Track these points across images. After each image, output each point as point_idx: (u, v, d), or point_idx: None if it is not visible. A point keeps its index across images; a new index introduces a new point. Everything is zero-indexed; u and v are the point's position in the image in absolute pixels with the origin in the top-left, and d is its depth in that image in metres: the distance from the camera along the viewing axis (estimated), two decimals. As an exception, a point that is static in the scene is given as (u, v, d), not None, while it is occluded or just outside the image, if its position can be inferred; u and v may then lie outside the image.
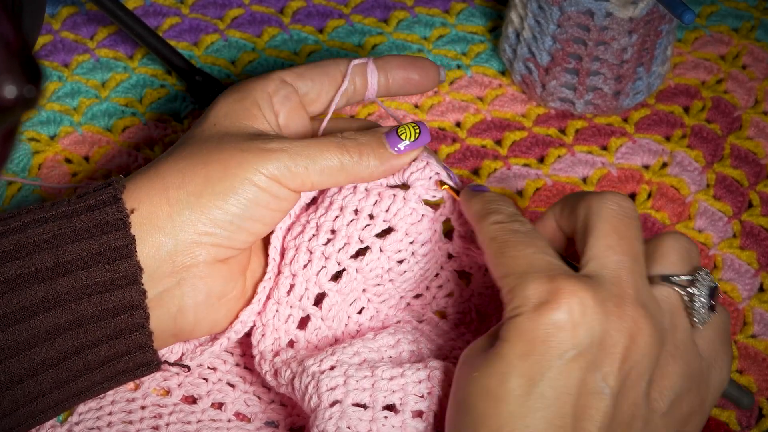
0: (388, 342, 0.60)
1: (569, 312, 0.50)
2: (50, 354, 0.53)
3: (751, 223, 0.73)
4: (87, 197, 0.55)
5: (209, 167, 0.56)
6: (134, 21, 0.76)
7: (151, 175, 0.57)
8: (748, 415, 0.65)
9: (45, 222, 0.54)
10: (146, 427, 0.60)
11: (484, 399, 0.50)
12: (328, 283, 0.59)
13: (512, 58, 0.78)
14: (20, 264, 0.53)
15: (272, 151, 0.56)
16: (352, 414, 0.55)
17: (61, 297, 0.53)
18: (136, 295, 0.55)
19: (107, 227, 0.54)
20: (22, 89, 0.33)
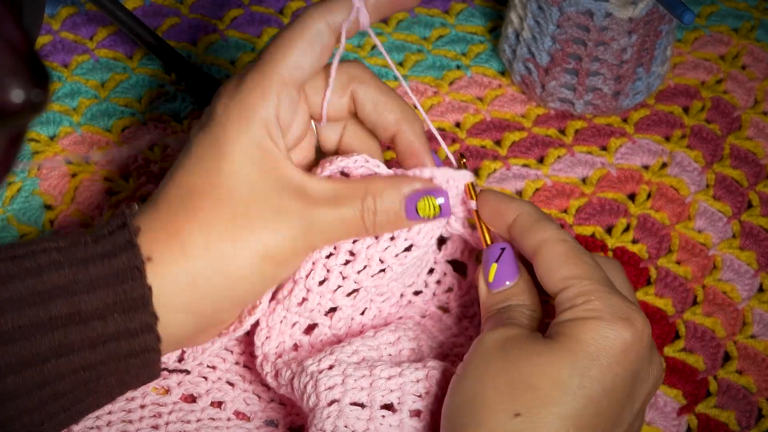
0: (388, 339, 0.60)
1: (640, 338, 0.53)
2: (59, 389, 0.53)
3: (750, 223, 0.73)
4: (103, 242, 0.54)
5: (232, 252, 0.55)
6: (134, 21, 0.76)
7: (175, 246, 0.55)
8: (748, 416, 0.65)
9: (61, 267, 0.53)
10: (146, 426, 0.60)
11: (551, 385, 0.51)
12: (344, 299, 0.59)
13: (512, 58, 0.78)
14: (35, 311, 0.52)
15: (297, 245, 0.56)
16: (349, 413, 0.55)
17: (74, 345, 0.53)
18: (151, 342, 0.54)
19: (123, 276, 0.53)
20: (30, 93, 0.33)
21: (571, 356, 0.51)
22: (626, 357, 0.52)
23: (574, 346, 0.52)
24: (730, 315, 0.69)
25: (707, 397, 0.66)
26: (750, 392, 0.66)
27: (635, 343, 0.52)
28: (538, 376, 0.51)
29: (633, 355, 0.52)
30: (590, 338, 0.52)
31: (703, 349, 0.68)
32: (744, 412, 0.65)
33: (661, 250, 0.72)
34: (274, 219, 0.55)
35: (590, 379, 0.51)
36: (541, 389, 0.51)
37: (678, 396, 0.66)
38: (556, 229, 0.56)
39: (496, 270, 0.57)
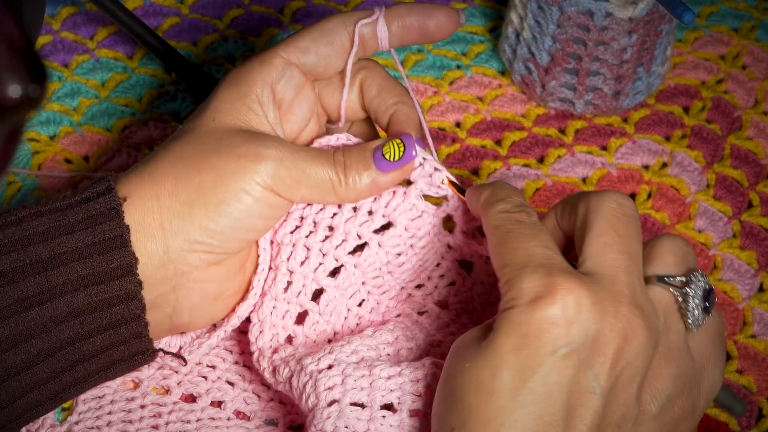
0: (386, 339, 0.60)
1: (564, 308, 0.50)
2: (46, 345, 0.54)
3: (750, 223, 0.73)
4: (81, 191, 0.55)
5: (203, 175, 0.55)
6: (134, 21, 0.76)
7: (144, 176, 0.56)
8: (748, 416, 0.65)
9: (40, 215, 0.54)
10: (146, 426, 0.60)
11: (475, 391, 0.50)
12: (326, 279, 0.59)
13: (512, 58, 0.78)
14: (15, 257, 0.53)
15: (268, 158, 0.56)
16: (350, 413, 0.55)
17: (56, 289, 0.53)
18: (131, 285, 0.55)
19: (101, 218, 0.54)
20: (27, 88, 0.33)
21: (488, 354, 0.50)
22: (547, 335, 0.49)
23: (491, 343, 0.50)
24: (731, 315, 0.69)
25: (707, 397, 0.66)
26: (750, 392, 0.66)
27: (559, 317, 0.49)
28: (465, 384, 0.50)
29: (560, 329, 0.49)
30: (504, 330, 0.50)
31: (703, 349, 0.68)
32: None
33: (662, 250, 0.72)
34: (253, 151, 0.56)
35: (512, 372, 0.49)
36: (467, 397, 0.50)
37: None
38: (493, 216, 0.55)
39: None
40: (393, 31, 0.61)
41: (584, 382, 0.50)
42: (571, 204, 0.56)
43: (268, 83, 0.59)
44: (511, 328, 0.50)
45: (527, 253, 0.52)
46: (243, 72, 0.59)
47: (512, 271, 0.52)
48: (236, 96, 0.58)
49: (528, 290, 0.50)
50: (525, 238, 0.53)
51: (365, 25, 0.60)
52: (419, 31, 0.61)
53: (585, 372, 0.50)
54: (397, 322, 0.62)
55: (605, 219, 0.53)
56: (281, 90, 0.59)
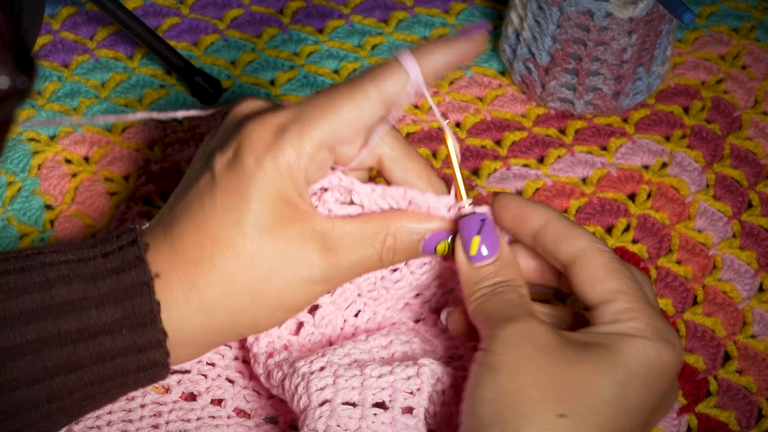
0: (380, 343, 0.60)
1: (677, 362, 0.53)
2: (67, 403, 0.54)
3: (750, 223, 0.73)
4: (111, 258, 0.54)
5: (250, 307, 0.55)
6: (134, 21, 0.76)
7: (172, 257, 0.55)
8: (748, 416, 0.65)
9: (70, 282, 0.53)
10: (146, 426, 0.60)
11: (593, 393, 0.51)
12: (323, 296, 0.59)
13: (512, 58, 0.78)
14: (44, 326, 0.52)
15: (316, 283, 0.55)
16: (341, 412, 0.55)
17: (83, 360, 0.53)
18: (160, 357, 0.54)
19: (131, 292, 0.53)
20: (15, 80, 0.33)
21: (613, 369, 0.51)
22: (664, 377, 0.52)
23: (617, 359, 0.52)
24: (730, 315, 0.69)
25: (707, 397, 0.66)
26: (750, 392, 0.66)
27: (674, 366, 0.53)
28: (582, 382, 0.51)
29: (669, 377, 0.53)
30: (633, 354, 0.52)
31: (703, 349, 0.68)
32: (744, 412, 0.65)
33: (662, 250, 0.72)
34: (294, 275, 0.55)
35: (629, 393, 0.51)
36: (585, 395, 0.51)
37: (678, 396, 0.66)
38: (591, 238, 0.55)
39: (478, 243, 0.56)
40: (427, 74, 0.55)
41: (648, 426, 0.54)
42: None
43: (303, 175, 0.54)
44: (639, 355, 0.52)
45: (643, 290, 0.54)
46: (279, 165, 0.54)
47: (637, 301, 0.53)
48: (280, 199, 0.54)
49: (660, 329, 0.53)
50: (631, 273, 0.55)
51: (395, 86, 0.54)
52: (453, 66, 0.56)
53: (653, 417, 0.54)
54: (392, 327, 0.62)
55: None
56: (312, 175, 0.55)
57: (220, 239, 0.54)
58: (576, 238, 0.55)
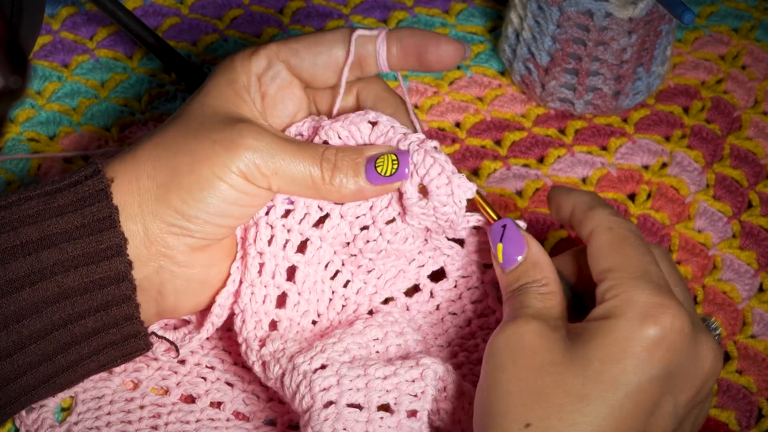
0: (375, 335, 0.60)
1: (670, 332, 0.51)
2: (37, 327, 0.54)
3: (750, 223, 0.73)
4: (70, 175, 0.56)
5: (179, 158, 0.56)
6: (134, 21, 0.76)
7: (128, 159, 0.57)
8: (748, 416, 0.65)
9: (30, 199, 0.55)
10: (145, 427, 0.60)
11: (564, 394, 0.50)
12: (295, 255, 0.59)
13: (512, 58, 0.78)
14: (6, 238, 0.53)
15: (243, 147, 0.56)
16: (347, 415, 0.55)
17: (47, 269, 0.54)
18: (121, 266, 0.55)
19: (90, 200, 0.55)
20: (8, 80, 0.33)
21: (584, 363, 0.51)
22: (651, 356, 0.51)
23: (589, 351, 0.51)
24: (730, 315, 0.69)
25: (707, 397, 0.66)
26: (750, 392, 0.66)
27: (663, 340, 0.51)
28: (550, 385, 0.51)
29: (661, 353, 0.51)
30: (607, 341, 0.51)
31: (703, 349, 0.68)
32: (744, 412, 0.65)
33: (661, 250, 0.72)
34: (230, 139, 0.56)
35: (606, 384, 0.50)
36: (552, 398, 0.50)
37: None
38: (605, 216, 0.55)
39: (502, 249, 0.56)
40: (392, 53, 0.59)
41: (666, 407, 0.52)
42: None
43: (254, 73, 0.59)
44: (613, 340, 0.51)
45: (643, 265, 0.53)
46: (232, 60, 0.60)
47: (624, 278, 0.52)
48: (225, 82, 0.59)
49: (639, 305, 0.51)
50: (640, 249, 0.54)
51: (365, 43, 0.59)
52: (417, 58, 0.59)
53: (668, 397, 0.52)
54: (386, 317, 0.61)
55: None
56: (265, 82, 0.59)
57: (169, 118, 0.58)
58: (590, 218, 0.55)
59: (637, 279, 0.52)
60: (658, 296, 0.52)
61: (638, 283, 0.52)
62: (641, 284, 0.52)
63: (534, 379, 0.51)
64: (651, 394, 0.51)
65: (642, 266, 0.53)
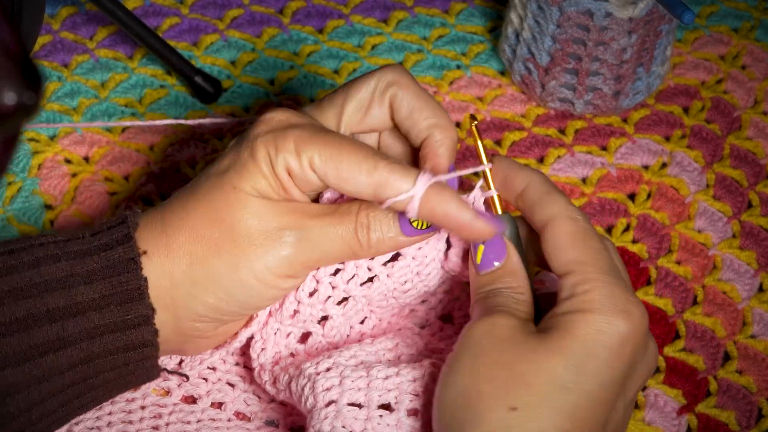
0: (386, 346, 0.60)
1: (638, 329, 0.52)
2: (58, 386, 0.54)
3: (750, 223, 0.73)
4: (100, 236, 0.55)
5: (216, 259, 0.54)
6: (134, 21, 0.76)
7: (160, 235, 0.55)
8: (748, 416, 0.65)
9: (58, 260, 0.53)
10: (146, 427, 0.60)
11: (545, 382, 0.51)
12: (334, 308, 0.59)
13: (512, 58, 0.78)
14: (32, 303, 0.52)
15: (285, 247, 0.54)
16: (347, 413, 0.55)
17: (72, 337, 0.53)
18: (148, 335, 0.55)
19: (119, 268, 0.54)
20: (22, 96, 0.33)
21: (566, 352, 0.51)
22: (623, 350, 0.52)
23: (570, 342, 0.51)
24: (730, 315, 0.69)
25: (707, 397, 0.66)
26: (750, 392, 0.66)
27: (632, 336, 0.52)
28: (533, 372, 0.51)
29: (630, 348, 0.52)
30: (585, 333, 0.51)
31: (703, 349, 0.68)
32: (744, 412, 0.65)
33: (661, 250, 0.72)
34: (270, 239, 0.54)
35: (586, 375, 0.51)
36: (536, 385, 0.51)
37: (678, 396, 0.66)
38: (565, 204, 0.55)
39: (483, 251, 0.56)
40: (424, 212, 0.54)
41: (621, 401, 0.53)
42: None
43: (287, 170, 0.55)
44: (594, 333, 0.51)
45: (610, 261, 0.54)
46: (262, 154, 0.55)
47: (595, 273, 0.53)
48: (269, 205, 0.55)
49: (615, 301, 0.52)
50: (601, 244, 0.54)
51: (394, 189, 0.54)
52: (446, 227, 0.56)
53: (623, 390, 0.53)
54: (398, 332, 0.62)
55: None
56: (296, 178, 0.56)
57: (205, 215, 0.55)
58: (548, 203, 0.55)
59: (608, 275, 0.53)
60: (629, 293, 0.53)
61: (610, 279, 0.53)
62: (613, 280, 0.53)
63: (516, 366, 0.51)
64: (616, 388, 0.52)
65: (610, 262, 0.54)
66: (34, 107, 0.33)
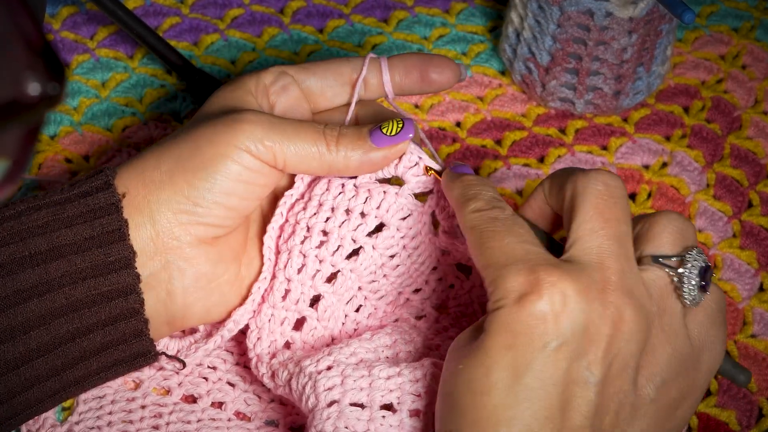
0: (384, 342, 0.60)
1: (550, 302, 0.50)
2: (45, 339, 0.54)
3: (750, 222, 0.73)
4: (80, 184, 0.56)
5: (182, 146, 0.56)
6: (134, 21, 0.76)
7: (134, 162, 0.57)
8: (748, 415, 0.65)
9: (39, 209, 0.55)
10: (146, 427, 0.60)
11: (468, 392, 0.50)
12: (324, 285, 0.59)
13: (512, 57, 0.78)
14: (14, 249, 0.53)
15: (244, 122, 0.56)
16: (350, 414, 0.55)
17: (54, 281, 0.54)
18: (129, 278, 0.55)
19: (100, 212, 0.55)
20: (46, 86, 0.33)
21: (478, 355, 0.50)
22: (538, 329, 0.49)
23: (481, 343, 0.50)
24: (731, 315, 0.69)
25: (707, 397, 0.66)
26: (750, 392, 0.66)
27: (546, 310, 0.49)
28: (458, 385, 0.50)
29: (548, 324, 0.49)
30: (494, 330, 0.50)
31: (703, 349, 0.68)
32: (744, 411, 0.65)
33: (662, 249, 0.72)
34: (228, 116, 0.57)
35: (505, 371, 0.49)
36: (461, 400, 0.50)
37: None
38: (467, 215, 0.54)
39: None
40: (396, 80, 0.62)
41: (577, 372, 0.50)
42: (558, 183, 0.55)
43: (262, 82, 0.60)
44: (501, 327, 0.50)
45: (506, 251, 0.52)
46: (239, 76, 0.61)
47: (495, 271, 0.51)
48: (229, 90, 0.60)
49: (513, 289, 0.50)
50: (502, 235, 0.53)
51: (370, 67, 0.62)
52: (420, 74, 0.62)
53: (578, 363, 0.50)
54: (395, 326, 0.62)
55: (591, 203, 0.53)
56: (274, 93, 0.60)
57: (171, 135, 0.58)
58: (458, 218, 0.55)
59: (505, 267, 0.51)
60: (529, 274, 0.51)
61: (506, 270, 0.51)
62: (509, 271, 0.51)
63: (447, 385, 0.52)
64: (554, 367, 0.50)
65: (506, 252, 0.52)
66: (58, 98, 0.33)
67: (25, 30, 0.33)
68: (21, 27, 0.33)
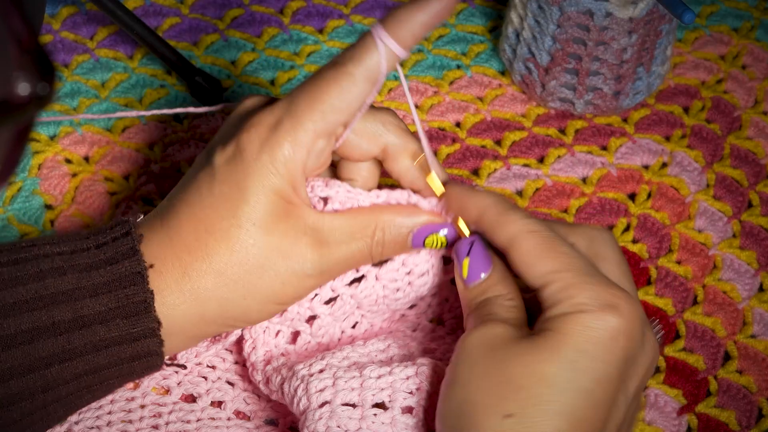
0: (378, 347, 0.60)
1: (630, 322, 0.52)
2: (62, 393, 0.54)
3: (750, 223, 0.73)
4: (105, 248, 0.55)
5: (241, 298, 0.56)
6: (134, 21, 0.76)
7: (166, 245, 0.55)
8: (748, 416, 0.65)
9: (63, 273, 0.53)
10: (146, 426, 0.60)
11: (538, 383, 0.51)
12: (321, 306, 0.59)
13: (512, 58, 0.78)
14: (38, 315, 0.52)
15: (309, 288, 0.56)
16: (341, 413, 0.55)
17: (77, 350, 0.53)
18: (154, 346, 0.55)
19: (125, 282, 0.54)
20: (36, 86, 0.33)
21: (556, 352, 0.51)
22: (615, 344, 0.51)
23: (560, 341, 0.51)
24: (731, 315, 0.69)
25: (707, 397, 0.66)
26: (750, 392, 0.66)
27: (624, 329, 0.51)
28: (526, 375, 0.51)
29: (623, 341, 0.52)
30: (576, 331, 0.51)
31: (703, 349, 0.68)
32: (744, 411, 0.65)
33: (662, 249, 0.72)
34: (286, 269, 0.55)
35: (579, 372, 0.51)
36: (529, 388, 0.51)
37: (678, 396, 0.66)
38: (522, 220, 0.55)
39: (468, 264, 0.56)
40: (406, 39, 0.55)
41: (621, 396, 0.52)
42: None
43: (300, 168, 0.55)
44: (581, 331, 0.51)
45: (581, 261, 0.54)
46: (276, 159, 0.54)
47: (573, 276, 0.52)
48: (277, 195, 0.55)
49: (600, 296, 0.52)
50: (567, 246, 0.54)
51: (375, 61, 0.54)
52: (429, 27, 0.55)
53: (624, 385, 0.52)
54: (390, 334, 0.62)
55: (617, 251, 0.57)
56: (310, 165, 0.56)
57: (215, 229, 0.55)
58: (506, 224, 0.55)
59: (587, 275, 0.53)
60: (613, 288, 0.53)
61: (589, 279, 0.53)
62: (593, 279, 0.53)
63: (508, 372, 0.51)
64: (614, 384, 0.52)
65: (584, 262, 0.54)
66: (47, 98, 0.33)
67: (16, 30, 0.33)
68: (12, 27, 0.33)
